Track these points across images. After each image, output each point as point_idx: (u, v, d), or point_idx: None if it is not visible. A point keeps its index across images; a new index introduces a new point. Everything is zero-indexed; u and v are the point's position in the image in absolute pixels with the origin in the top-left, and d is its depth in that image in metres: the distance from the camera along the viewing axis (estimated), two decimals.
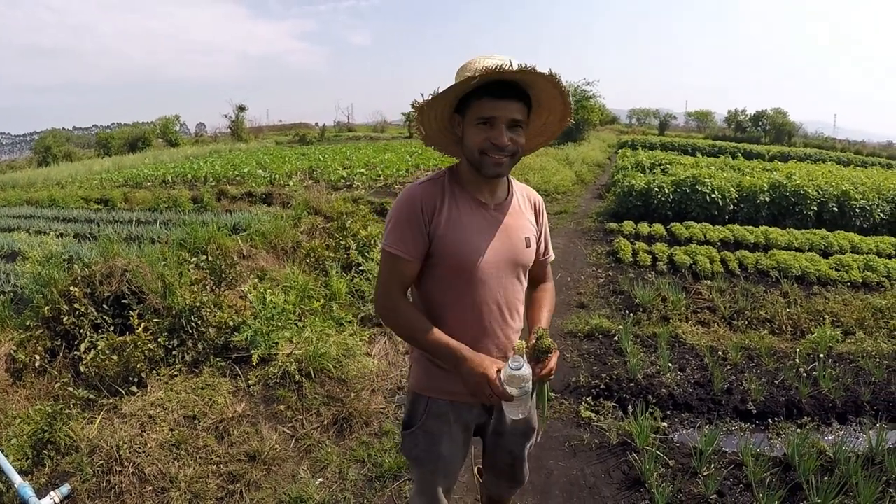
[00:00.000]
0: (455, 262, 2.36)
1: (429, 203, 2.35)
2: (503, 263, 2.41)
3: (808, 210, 13.30)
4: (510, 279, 2.46)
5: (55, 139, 47.64)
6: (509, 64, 2.08)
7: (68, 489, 3.89)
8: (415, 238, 2.33)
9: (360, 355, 5.61)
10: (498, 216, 2.44)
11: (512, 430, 2.68)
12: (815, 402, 5.24)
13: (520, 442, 2.78)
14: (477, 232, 2.38)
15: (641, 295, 7.83)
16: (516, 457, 2.83)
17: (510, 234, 2.44)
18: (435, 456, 2.61)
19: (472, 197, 2.41)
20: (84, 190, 20.56)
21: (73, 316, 5.49)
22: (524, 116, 2.26)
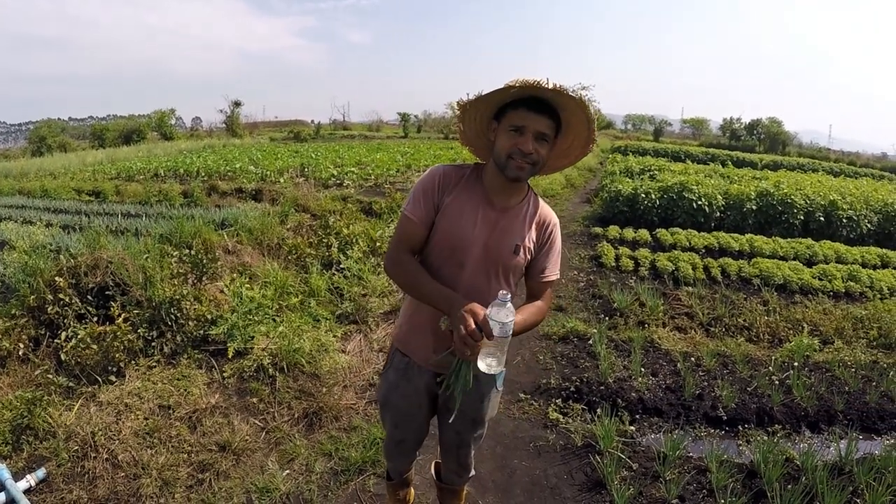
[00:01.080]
0: (444, 239, 2.62)
1: (447, 181, 2.65)
2: (486, 258, 2.61)
3: (794, 219, 13.37)
4: (490, 276, 2.65)
5: (50, 129, 47.48)
6: (546, 81, 2.31)
7: (44, 473, 3.97)
8: (425, 205, 2.63)
9: (333, 351, 5.72)
10: (499, 218, 2.62)
11: (462, 412, 2.80)
12: (787, 411, 5.30)
13: (468, 426, 2.98)
14: (472, 222, 2.60)
15: (620, 299, 7.89)
16: (463, 439, 3.05)
17: (501, 235, 2.61)
18: (387, 402, 3.03)
19: (485, 194, 2.63)
20: (76, 181, 20.51)
21: (57, 306, 5.55)
22: (551, 132, 2.46)
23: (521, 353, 6.45)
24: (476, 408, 2.91)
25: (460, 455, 3.15)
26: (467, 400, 2.72)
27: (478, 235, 2.60)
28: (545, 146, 2.47)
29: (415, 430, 3.13)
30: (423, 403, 2.96)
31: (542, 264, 2.75)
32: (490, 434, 4.73)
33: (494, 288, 2.60)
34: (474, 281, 2.62)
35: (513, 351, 6.27)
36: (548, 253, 2.75)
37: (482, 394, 2.89)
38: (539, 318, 2.74)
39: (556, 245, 2.77)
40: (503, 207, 2.63)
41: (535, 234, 2.70)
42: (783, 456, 4.45)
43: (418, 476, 4.15)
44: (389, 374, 2.98)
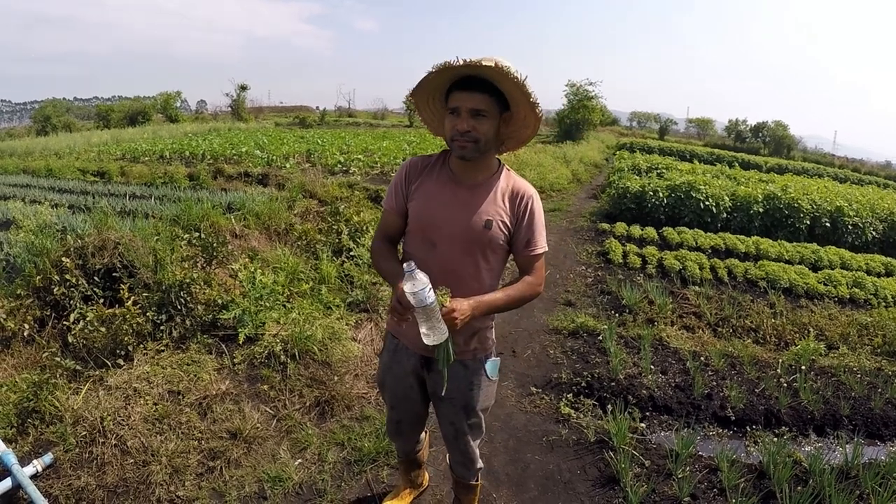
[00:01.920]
0: (416, 223, 2.75)
1: (413, 170, 2.81)
2: (458, 236, 2.66)
3: (800, 223, 13.32)
4: (464, 253, 2.68)
5: (55, 109, 47.31)
6: (456, 59, 2.41)
7: (51, 458, 3.90)
8: (396, 195, 2.82)
9: (345, 339, 5.64)
10: (467, 196, 2.68)
11: (449, 397, 2.90)
12: (794, 413, 5.29)
13: (460, 414, 2.98)
14: (440, 203, 2.69)
15: (628, 296, 7.87)
16: (458, 429, 3.04)
17: (471, 212, 2.65)
18: (383, 383, 3.17)
19: (452, 175, 2.72)
20: (81, 161, 20.44)
21: (63, 287, 5.48)
22: (491, 107, 2.52)
23: (531, 346, 6.43)
24: (465, 395, 2.92)
25: (459, 445, 3.13)
26: (455, 386, 2.86)
27: (447, 214, 2.67)
28: (486, 121, 2.53)
29: (410, 411, 3.18)
30: (413, 385, 3.03)
31: (525, 237, 2.72)
32: (502, 427, 4.90)
33: (471, 266, 2.69)
34: (448, 260, 2.67)
35: (523, 344, 6.39)
36: (528, 226, 2.72)
37: (470, 381, 2.90)
38: (528, 292, 2.76)
39: (536, 217, 2.74)
40: (471, 185, 2.69)
41: (507, 207, 2.69)
42: (791, 458, 4.42)
43: (432, 467, 4.14)
44: (384, 356, 3.12)
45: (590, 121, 38.83)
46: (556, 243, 11.29)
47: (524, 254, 2.73)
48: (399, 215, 2.83)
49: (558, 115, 40.75)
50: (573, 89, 38.96)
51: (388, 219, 2.88)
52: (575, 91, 38.78)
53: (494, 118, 2.56)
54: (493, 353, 3.00)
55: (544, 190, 17.09)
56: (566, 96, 39.39)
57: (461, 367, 2.85)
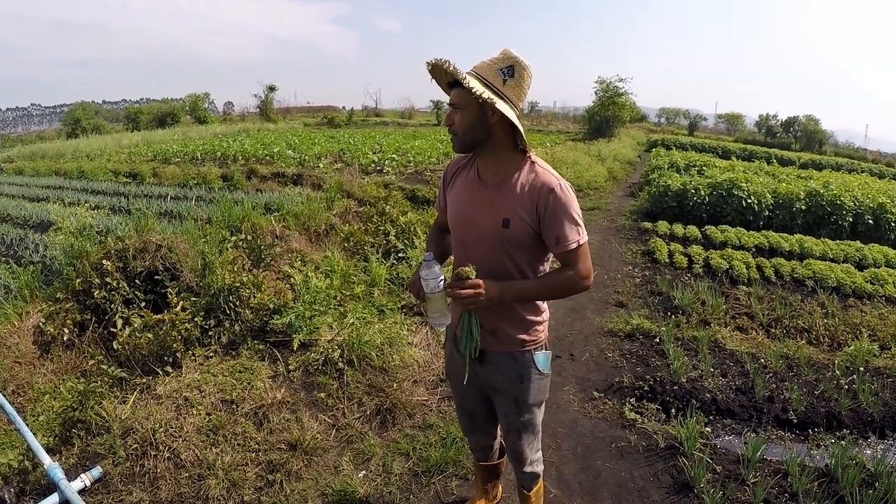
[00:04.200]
0: (451, 224, 2.80)
1: (449, 173, 2.89)
2: (482, 235, 2.62)
3: (843, 221, 13.04)
4: (490, 251, 2.62)
5: (84, 112, 47.77)
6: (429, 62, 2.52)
7: (100, 472, 3.79)
8: (440, 198, 2.97)
9: (403, 345, 5.46)
10: (489, 193, 2.63)
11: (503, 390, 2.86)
12: (855, 416, 5.16)
13: (512, 408, 2.90)
14: (466, 202, 2.70)
15: (680, 297, 7.71)
16: (510, 423, 2.95)
17: (491, 211, 2.60)
18: (448, 373, 3.17)
19: (477, 174, 2.71)
20: (113, 163, 20.57)
21: (104, 290, 5.40)
22: (460, 99, 2.52)
23: (588, 349, 6.27)
24: (516, 388, 2.83)
25: (509, 442, 3.04)
26: (506, 378, 2.82)
27: (470, 214, 2.67)
28: (460, 113, 2.54)
29: (480, 399, 3.10)
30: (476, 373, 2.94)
31: (553, 234, 2.55)
32: (569, 433, 4.75)
33: (498, 265, 2.62)
34: (481, 258, 2.62)
35: (580, 347, 6.29)
36: (553, 221, 2.54)
37: (520, 374, 2.81)
38: (567, 284, 2.64)
39: (560, 210, 2.53)
40: (495, 183, 2.63)
41: (528, 202, 2.56)
42: (854, 461, 4.30)
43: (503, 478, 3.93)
44: (447, 346, 3.09)
45: (620, 118, 38.66)
46: (599, 243, 11.14)
47: (557, 251, 2.61)
48: (445, 213, 2.90)
49: (588, 112, 40.69)
50: (603, 86, 38.88)
51: (440, 215, 3.03)
52: (605, 87, 38.67)
53: (470, 109, 2.50)
54: (545, 347, 2.89)
55: (581, 188, 16.91)
56: (596, 93, 39.36)
57: (510, 358, 2.78)
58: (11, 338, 5.28)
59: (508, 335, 2.74)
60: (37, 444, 3.88)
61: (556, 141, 30.25)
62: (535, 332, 2.81)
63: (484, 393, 3.02)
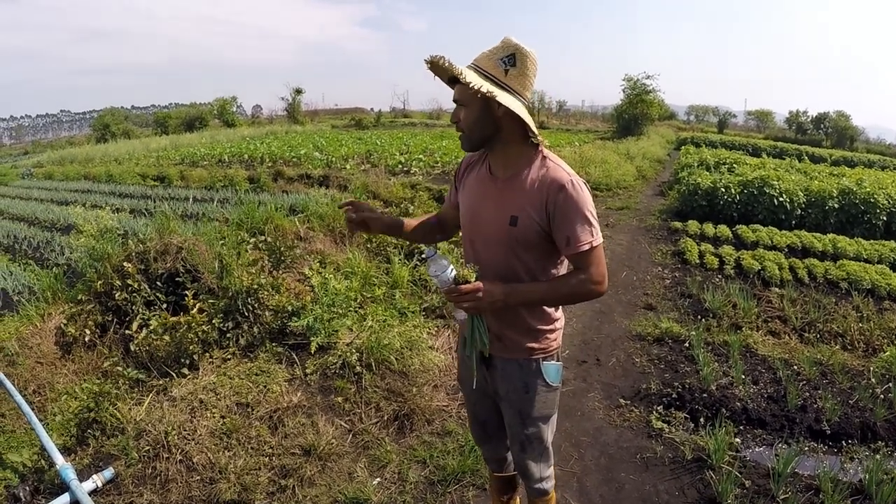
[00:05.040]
0: (461, 219, 2.70)
1: (463, 168, 2.77)
2: (490, 233, 2.52)
3: (877, 220, 12.72)
4: (499, 251, 2.50)
5: (114, 117, 48.49)
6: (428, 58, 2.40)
7: (112, 473, 3.76)
8: (451, 191, 2.90)
9: (424, 348, 5.35)
10: (498, 190, 2.52)
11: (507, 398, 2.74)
12: (890, 427, 4.90)
13: (515, 419, 2.77)
14: (477, 198, 2.60)
15: (711, 300, 7.50)
16: (514, 434, 2.84)
17: (499, 208, 2.49)
18: (461, 378, 3.05)
19: (489, 169, 2.59)
20: (141, 167, 20.83)
21: (125, 292, 5.37)
22: (465, 96, 2.41)
23: (615, 353, 6.10)
24: (520, 398, 2.70)
25: (515, 455, 2.92)
26: (511, 387, 2.69)
27: (479, 211, 2.58)
28: (464, 110, 2.44)
29: (493, 408, 2.94)
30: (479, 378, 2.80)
31: (564, 234, 2.38)
32: (592, 442, 4.57)
33: (506, 267, 2.51)
34: (486, 260, 2.52)
35: (607, 351, 6.13)
36: (563, 221, 2.38)
37: (525, 383, 2.68)
38: (579, 288, 2.42)
39: (571, 209, 2.36)
40: (505, 178, 2.51)
41: (537, 200, 2.41)
42: (889, 476, 4.09)
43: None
44: (459, 350, 2.97)
45: (648, 115, 38.51)
46: (628, 243, 11.00)
47: (567, 253, 2.44)
48: (454, 208, 2.84)
49: (616, 111, 40.59)
50: (630, 83, 38.79)
51: (447, 206, 2.95)
52: (633, 85, 38.56)
53: (474, 105, 2.39)
54: (556, 357, 2.72)
55: (611, 188, 16.81)
56: (623, 91, 39.26)
57: (516, 366, 2.66)
58: (34, 338, 5.26)
59: (515, 342, 2.61)
60: (51, 444, 3.87)
61: (584, 140, 30.15)
62: (545, 341, 2.67)
63: (495, 401, 2.89)
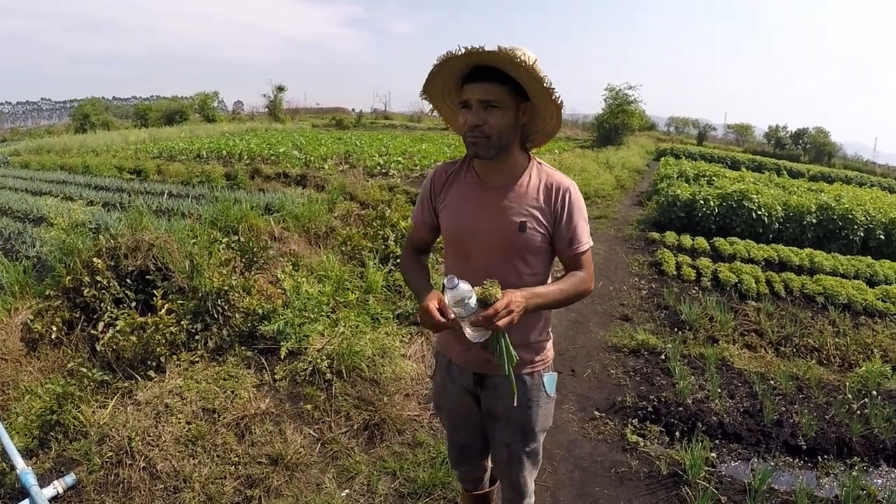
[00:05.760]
0: (448, 237, 2.61)
1: (438, 181, 2.64)
2: (493, 244, 2.47)
3: (854, 235, 12.89)
4: (502, 260, 2.49)
5: (94, 107, 47.92)
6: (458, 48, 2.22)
7: (73, 479, 3.66)
8: (422, 210, 2.70)
9: (396, 356, 5.29)
10: (496, 198, 2.48)
11: (507, 417, 2.68)
12: (866, 443, 4.94)
13: (517, 436, 2.72)
14: (469, 211, 2.51)
15: (688, 312, 7.52)
16: (513, 454, 2.76)
17: (503, 216, 2.45)
18: (440, 405, 2.98)
19: (476, 179, 2.54)
20: (118, 159, 20.62)
21: (94, 288, 5.24)
22: (503, 97, 2.31)
23: (590, 365, 6.07)
24: (524, 413, 2.67)
25: (512, 475, 2.82)
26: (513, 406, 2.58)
27: (477, 222, 2.50)
28: (498, 113, 2.32)
29: (474, 433, 2.91)
30: (472, 404, 2.81)
31: (567, 236, 2.49)
32: (566, 455, 4.54)
33: (512, 274, 2.48)
34: (485, 271, 2.41)
35: (582, 363, 6.09)
36: (568, 223, 2.49)
37: (528, 398, 2.66)
38: (581, 287, 2.53)
39: (576, 211, 2.50)
40: (500, 186, 2.50)
41: (543, 204, 2.47)
42: (865, 491, 4.16)
43: None
44: (437, 377, 2.91)
45: (629, 125, 38.76)
46: (605, 253, 11.00)
47: (568, 253, 2.52)
48: (428, 229, 2.73)
49: (597, 120, 40.82)
50: (612, 93, 39.03)
51: (418, 232, 2.78)
52: (614, 95, 38.77)
53: (509, 109, 2.34)
54: (552, 368, 2.77)
55: (589, 196, 16.71)
56: (605, 100, 39.55)
57: (519, 382, 2.59)
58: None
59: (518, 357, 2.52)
60: (11, 447, 3.76)
61: (564, 148, 30.18)
62: (543, 352, 2.70)
63: (479, 425, 2.86)
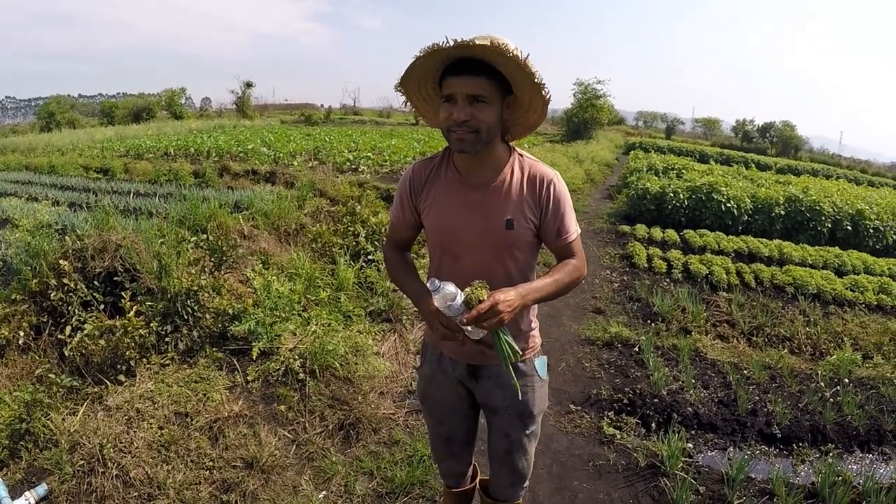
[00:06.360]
0: (434, 236, 2.54)
1: (417, 180, 2.56)
2: (480, 242, 2.44)
3: (822, 227, 13.12)
4: (491, 258, 2.46)
5: (59, 105, 47.34)
6: (446, 41, 2.13)
7: (45, 490, 3.58)
8: (403, 208, 2.61)
9: (369, 354, 5.24)
10: (479, 196, 2.44)
11: (504, 408, 2.67)
12: (839, 429, 5.04)
13: (516, 424, 2.71)
14: (454, 210, 2.46)
15: (660, 304, 7.59)
16: (513, 441, 2.75)
17: (488, 213, 2.43)
18: (426, 396, 2.90)
19: (458, 176, 2.49)
20: (84, 158, 20.36)
21: (61, 291, 5.14)
22: (491, 91, 2.26)
23: (564, 358, 6.09)
24: (522, 401, 2.63)
25: (514, 460, 2.81)
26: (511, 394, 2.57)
27: (463, 222, 2.45)
28: (485, 108, 2.26)
29: (461, 425, 2.91)
30: (462, 395, 2.79)
31: (555, 226, 2.48)
32: (544, 450, 4.49)
33: (501, 271, 2.46)
34: (478, 268, 2.42)
35: (556, 356, 6.10)
36: (555, 213, 2.47)
37: (525, 385, 2.62)
38: (575, 275, 2.50)
39: (562, 201, 2.48)
40: (483, 183, 2.45)
41: (529, 198, 2.46)
42: (840, 477, 4.22)
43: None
44: (424, 368, 2.86)
45: (598, 120, 39.00)
46: None
47: (559, 244, 2.51)
48: (410, 227, 2.66)
49: (566, 114, 41.03)
50: (581, 88, 39.24)
51: (399, 231, 2.70)
52: (584, 90, 38.98)
53: (496, 103, 2.30)
54: (541, 352, 2.77)
55: None
56: (574, 95, 39.74)
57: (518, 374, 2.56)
58: None
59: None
60: None
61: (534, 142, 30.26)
62: (533, 339, 2.70)
63: (467, 416, 2.88)
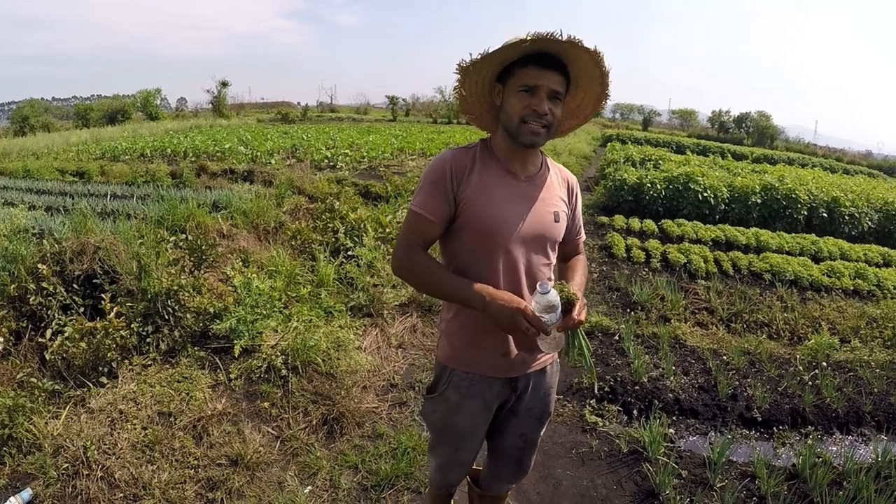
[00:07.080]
0: (481, 228, 2.35)
1: (458, 168, 2.37)
2: (529, 235, 2.39)
3: (798, 214, 13.32)
4: (536, 251, 2.43)
5: (33, 109, 46.98)
6: (560, 33, 2.07)
7: (29, 494, 3.57)
8: (439, 201, 2.35)
9: (351, 349, 5.26)
10: (528, 188, 2.42)
11: (527, 410, 2.65)
12: (819, 412, 5.15)
13: (534, 425, 2.74)
14: (505, 201, 2.37)
15: (639, 293, 7.68)
16: (528, 440, 2.79)
17: (539, 207, 2.42)
18: (449, 425, 2.68)
19: (504, 167, 2.40)
20: (60, 161, 20.12)
21: (40, 296, 5.12)
22: (564, 90, 2.27)
23: None
24: (545, 403, 2.70)
25: (524, 458, 2.86)
26: (538, 396, 2.63)
27: (515, 214, 2.37)
28: (559, 105, 2.29)
29: (477, 447, 2.84)
30: (488, 418, 2.67)
31: (576, 224, 2.65)
32: None
33: (543, 266, 2.45)
34: (521, 265, 2.40)
35: None
36: (575, 212, 2.63)
37: (551, 385, 2.71)
38: (586, 269, 2.68)
39: (579, 201, 2.66)
40: (528, 177, 2.44)
41: (566, 195, 2.55)
42: (821, 459, 4.30)
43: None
44: (448, 395, 2.59)
45: None
46: None
47: (576, 241, 2.66)
48: (442, 223, 2.38)
49: None
50: None
51: (428, 229, 2.38)
52: None
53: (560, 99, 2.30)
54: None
55: None
56: None
57: (543, 374, 2.65)
58: None
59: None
60: None
61: None
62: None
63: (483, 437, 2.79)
